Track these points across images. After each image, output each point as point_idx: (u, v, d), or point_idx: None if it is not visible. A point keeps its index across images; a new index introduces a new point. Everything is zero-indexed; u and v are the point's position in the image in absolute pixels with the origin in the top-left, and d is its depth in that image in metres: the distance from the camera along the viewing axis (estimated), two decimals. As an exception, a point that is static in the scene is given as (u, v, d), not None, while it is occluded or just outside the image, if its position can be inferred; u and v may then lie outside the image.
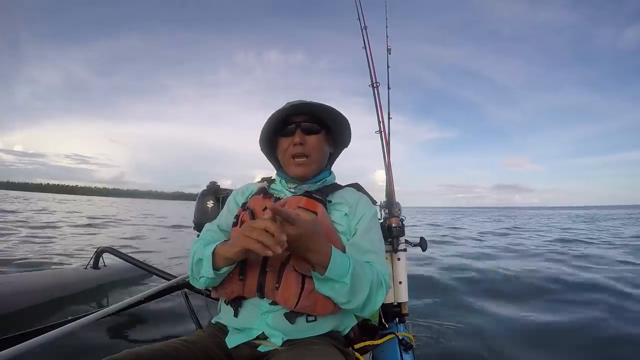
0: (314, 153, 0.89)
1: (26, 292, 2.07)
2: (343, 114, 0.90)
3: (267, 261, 0.75)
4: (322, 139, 0.91)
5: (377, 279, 0.76)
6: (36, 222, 8.57)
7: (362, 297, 0.73)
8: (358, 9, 1.68)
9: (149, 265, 2.21)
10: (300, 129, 0.87)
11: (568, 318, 2.43)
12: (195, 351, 0.72)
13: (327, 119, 0.91)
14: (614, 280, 3.52)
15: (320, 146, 0.91)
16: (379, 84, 1.57)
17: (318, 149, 0.90)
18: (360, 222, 0.85)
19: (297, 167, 0.88)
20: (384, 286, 0.77)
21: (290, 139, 0.88)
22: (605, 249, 6.33)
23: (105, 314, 1.17)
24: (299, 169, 0.88)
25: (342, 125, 0.93)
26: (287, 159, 0.89)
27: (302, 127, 0.88)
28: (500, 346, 1.98)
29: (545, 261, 4.90)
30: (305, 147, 0.87)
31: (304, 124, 0.88)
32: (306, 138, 0.87)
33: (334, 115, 0.90)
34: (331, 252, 0.68)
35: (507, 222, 16.59)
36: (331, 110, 0.88)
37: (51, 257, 4.06)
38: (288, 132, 0.88)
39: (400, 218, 1.34)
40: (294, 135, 0.87)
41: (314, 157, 0.89)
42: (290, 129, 0.88)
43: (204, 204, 1.56)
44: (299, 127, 0.87)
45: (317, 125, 0.90)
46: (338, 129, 0.95)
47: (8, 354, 0.82)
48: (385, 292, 0.78)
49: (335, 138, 0.97)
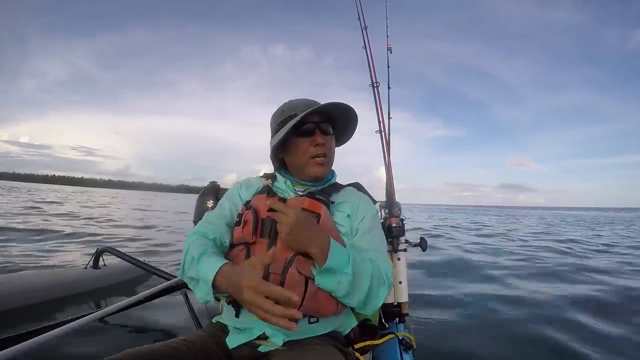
0: (331, 154, 0.89)
1: (26, 292, 2.07)
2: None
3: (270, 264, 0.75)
4: (334, 139, 0.91)
5: (379, 274, 0.76)
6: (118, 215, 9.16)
7: (363, 291, 0.73)
8: (358, 9, 1.67)
9: (149, 265, 2.21)
10: (319, 130, 0.86)
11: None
12: (196, 351, 0.72)
13: (338, 119, 0.91)
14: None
15: (334, 147, 0.92)
16: (379, 83, 1.56)
17: (333, 149, 0.91)
18: (361, 223, 0.86)
19: (319, 166, 0.86)
20: (385, 283, 0.77)
21: (309, 140, 0.85)
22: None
23: (105, 314, 1.18)
24: (320, 169, 0.87)
25: (351, 125, 0.94)
26: (307, 159, 0.86)
27: (321, 127, 0.87)
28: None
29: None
30: (325, 148, 0.86)
31: (322, 124, 0.87)
32: (326, 139, 0.87)
33: (348, 115, 0.89)
34: (330, 241, 0.69)
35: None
36: (348, 110, 0.87)
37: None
38: (306, 132, 0.86)
39: (400, 218, 1.34)
40: (314, 136, 0.85)
41: (330, 157, 0.89)
42: (308, 129, 0.86)
43: (204, 203, 1.55)
44: (318, 127, 0.86)
45: (330, 126, 0.89)
46: (346, 130, 0.95)
47: (8, 354, 0.82)
48: (387, 289, 0.78)
49: (339, 136, 0.97)
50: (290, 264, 0.73)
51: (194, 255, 0.72)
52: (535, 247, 6.65)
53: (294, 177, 0.90)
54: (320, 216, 0.80)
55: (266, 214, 0.80)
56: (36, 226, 6.11)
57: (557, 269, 4.46)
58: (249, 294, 0.58)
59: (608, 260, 5.37)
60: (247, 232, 0.80)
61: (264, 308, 0.56)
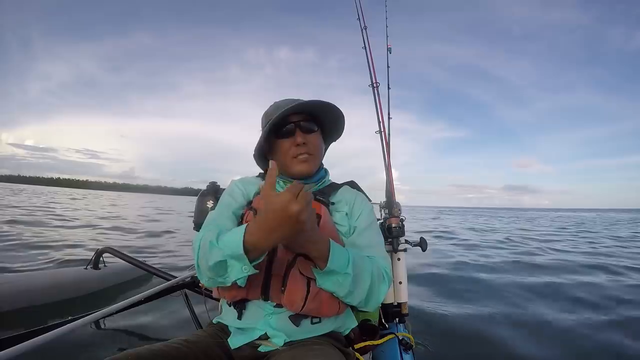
0: (316, 151, 0.89)
1: (26, 292, 2.07)
2: (340, 108, 0.87)
3: (272, 264, 0.74)
4: (319, 136, 0.91)
5: (378, 271, 0.77)
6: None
7: (364, 289, 0.73)
8: (358, 9, 1.68)
9: (149, 265, 2.21)
10: (299, 129, 0.86)
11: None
12: (196, 351, 0.72)
13: (323, 116, 0.90)
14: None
15: (320, 144, 0.91)
16: (379, 83, 1.57)
17: (319, 147, 0.90)
18: (358, 220, 0.86)
19: (302, 163, 0.86)
20: (385, 279, 0.78)
21: (291, 140, 0.86)
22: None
23: (105, 314, 1.17)
24: (303, 166, 0.86)
25: (338, 121, 0.92)
26: (289, 159, 0.87)
27: (302, 126, 0.86)
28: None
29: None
30: (307, 147, 0.86)
31: (302, 123, 0.86)
32: (307, 137, 0.86)
33: (331, 112, 0.88)
34: (329, 243, 0.68)
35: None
36: (328, 106, 0.86)
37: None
38: (287, 133, 0.86)
39: (400, 218, 1.34)
40: (294, 136, 0.85)
41: (316, 155, 0.89)
42: (288, 129, 0.86)
43: (204, 204, 1.55)
44: (298, 126, 0.86)
45: (314, 123, 0.89)
46: (334, 126, 0.93)
47: (8, 354, 0.82)
48: (387, 285, 0.78)
49: (329, 133, 0.96)
50: (291, 265, 0.74)
51: (210, 239, 0.67)
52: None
53: (285, 176, 0.90)
54: (320, 217, 0.80)
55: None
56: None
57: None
58: (274, 197, 0.58)
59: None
60: None
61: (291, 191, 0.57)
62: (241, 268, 0.63)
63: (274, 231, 0.59)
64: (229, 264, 0.65)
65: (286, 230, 0.58)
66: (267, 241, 0.61)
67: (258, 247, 0.61)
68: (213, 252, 0.65)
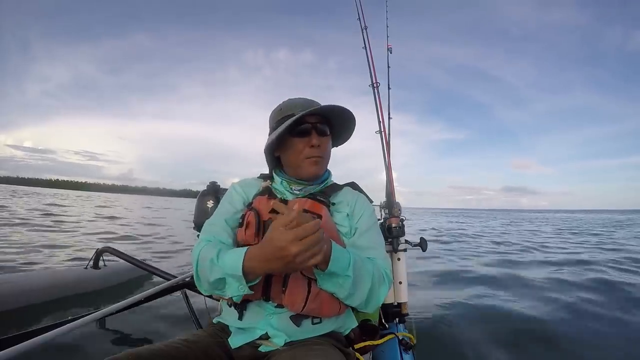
0: (326, 155, 0.89)
1: (26, 292, 2.07)
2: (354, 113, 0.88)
3: None
4: (330, 140, 0.91)
5: (379, 273, 0.77)
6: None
7: (364, 291, 0.73)
8: (358, 9, 1.68)
9: (149, 265, 2.21)
10: (315, 131, 0.85)
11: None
12: (196, 351, 0.72)
13: (334, 120, 0.90)
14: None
15: (330, 148, 0.91)
16: (379, 84, 1.57)
17: (329, 150, 0.91)
18: (359, 221, 0.86)
19: (313, 165, 0.86)
20: (386, 280, 0.78)
21: (305, 140, 0.85)
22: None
23: (105, 314, 1.17)
24: (315, 168, 0.86)
25: (348, 127, 0.93)
26: (302, 159, 0.85)
27: (318, 128, 0.85)
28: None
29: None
30: (320, 149, 0.86)
31: (319, 125, 0.86)
32: (321, 139, 0.86)
33: (345, 118, 0.89)
34: (331, 245, 0.68)
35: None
36: (348, 114, 0.87)
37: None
38: (302, 132, 0.85)
39: (400, 218, 1.34)
40: (310, 137, 0.84)
41: (325, 157, 0.89)
42: (304, 129, 0.84)
43: (204, 204, 1.55)
44: (315, 128, 0.85)
45: (328, 128, 0.89)
46: (344, 132, 0.94)
47: (8, 354, 0.82)
48: (388, 286, 0.78)
49: (336, 138, 0.96)
50: None
51: (211, 257, 0.70)
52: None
53: (289, 176, 0.90)
54: (321, 218, 0.80)
55: (268, 216, 0.80)
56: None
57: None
58: (281, 232, 0.60)
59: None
60: (249, 234, 0.80)
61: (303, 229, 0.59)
62: (238, 287, 0.67)
63: (270, 262, 0.63)
64: (227, 282, 0.69)
65: (280, 266, 0.62)
66: (261, 269, 0.65)
67: (255, 272, 0.66)
68: (214, 270, 0.70)
